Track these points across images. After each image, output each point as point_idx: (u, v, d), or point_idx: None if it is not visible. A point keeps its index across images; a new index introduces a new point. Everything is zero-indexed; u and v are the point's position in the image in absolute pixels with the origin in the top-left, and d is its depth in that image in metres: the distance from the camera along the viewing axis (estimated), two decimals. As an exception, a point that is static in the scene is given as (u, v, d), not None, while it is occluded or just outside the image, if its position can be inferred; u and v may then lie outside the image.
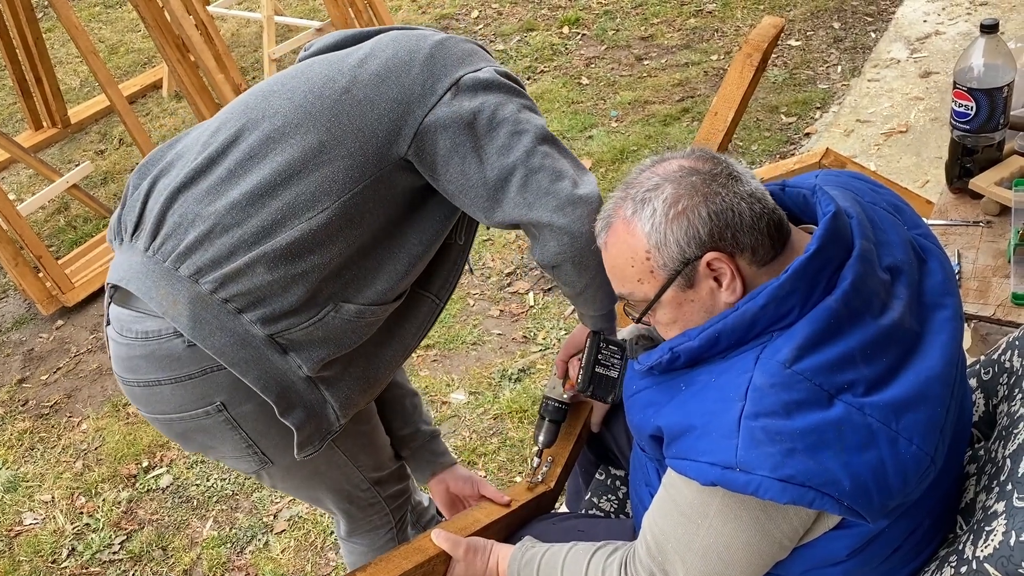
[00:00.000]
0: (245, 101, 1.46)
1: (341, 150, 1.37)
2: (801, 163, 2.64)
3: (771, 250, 1.15)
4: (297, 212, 1.36)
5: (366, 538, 1.84)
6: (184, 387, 1.43)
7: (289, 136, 1.37)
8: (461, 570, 1.42)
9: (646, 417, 1.23)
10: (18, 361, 3.33)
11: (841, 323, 1.10)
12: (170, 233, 1.40)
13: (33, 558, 2.54)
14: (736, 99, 1.91)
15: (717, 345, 1.14)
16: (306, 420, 1.45)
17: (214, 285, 1.37)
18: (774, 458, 1.03)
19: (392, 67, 1.39)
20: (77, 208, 4.10)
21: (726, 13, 4.64)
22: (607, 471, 1.82)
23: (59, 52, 5.65)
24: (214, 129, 1.45)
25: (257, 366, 1.39)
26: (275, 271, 1.36)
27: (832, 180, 1.31)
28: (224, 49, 4.37)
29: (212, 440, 1.50)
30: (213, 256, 1.37)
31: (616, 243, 1.19)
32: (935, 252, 1.27)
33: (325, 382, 1.46)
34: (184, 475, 2.71)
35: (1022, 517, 1.08)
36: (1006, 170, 1.95)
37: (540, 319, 3.02)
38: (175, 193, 1.41)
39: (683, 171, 1.16)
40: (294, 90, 1.41)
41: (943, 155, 2.12)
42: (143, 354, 1.43)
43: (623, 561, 1.26)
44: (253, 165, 1.38)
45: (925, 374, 1.11)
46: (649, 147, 3.74)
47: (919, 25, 4.14)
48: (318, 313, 1.40)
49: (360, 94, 1.38)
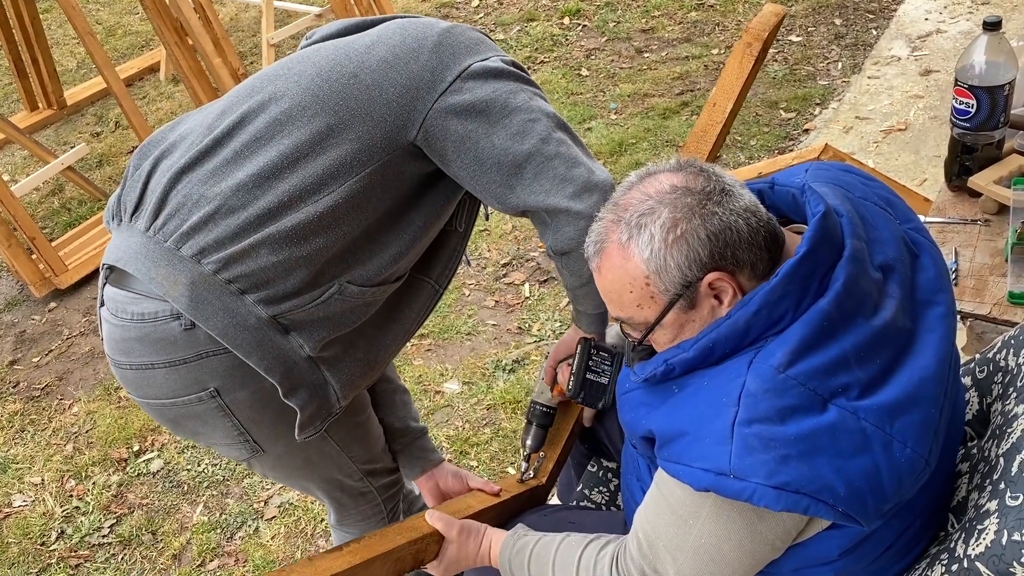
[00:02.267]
0: (251, 85, 1.45)
1: (349, 134, 1.36)
2: (799, 158, 2.63)
3: (769, 262, 1.14)
4: (303, 195, 1.36)
5: (357, 527, 1.83)
6: (178, 371, 1.42)
7: (296, 119, 1.37)
8: (453, 551, 1.41)
9: (637, 417, 1.22)
10: (9, 343, 3.32)
11: (834, 325, 1.09)
12: (172, 213, 1.38)
13: (22, 540, 2.53)
14: (735, 90, 1.88)
15: (712, 354, 1.13)
16: (309, 400, 1.44)
17: (217, 266, 1.36)
18: (768, 465, 1.03)
19: (400, 53, 1.39)
20: (71, 190, 4.08)
21: (727, 7, 4.62)
22: (599, 463, 1.81)
23: (56, 33, 5.61)
24: (219, 111, 1.44)
25: (260, 347, 1.38)
26: (279, 253, 1.36)
27: (822, 175, 1.29)
28: (222, 33, 4.35)
29: (204, 427, 1.49)
30: (217, 237, 1.36)
31: (612, 268, 1.16)
32: (927, 247, 1.26)
33: (326, 362, 1.46)
34: (175, 460, 2.70)
35: (1015, 516, 1.07)
36: (1005, 169, 1.94)
37: (535, 310, 3.01)
38: (179, 174, 1.40)
39: (676, 191, 1.13)
40: (301, 74, 1.41)
41: (942, 153, 2.11)
42: (138, 336, 1.41)
43: (614, 556, 1.26)
44: (260, 147, 1.37)
45: (919, 374, 1.10)
46: (648, 140, 3.73)
47: (920, 23, 4.13)
48: (321, 295, 1.40)
49: (368, 79, 1.37)
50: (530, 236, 3.35)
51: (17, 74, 4.36)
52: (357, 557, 1.31)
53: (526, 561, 1.35)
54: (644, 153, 3.65)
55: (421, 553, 1.40)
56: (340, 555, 1.32)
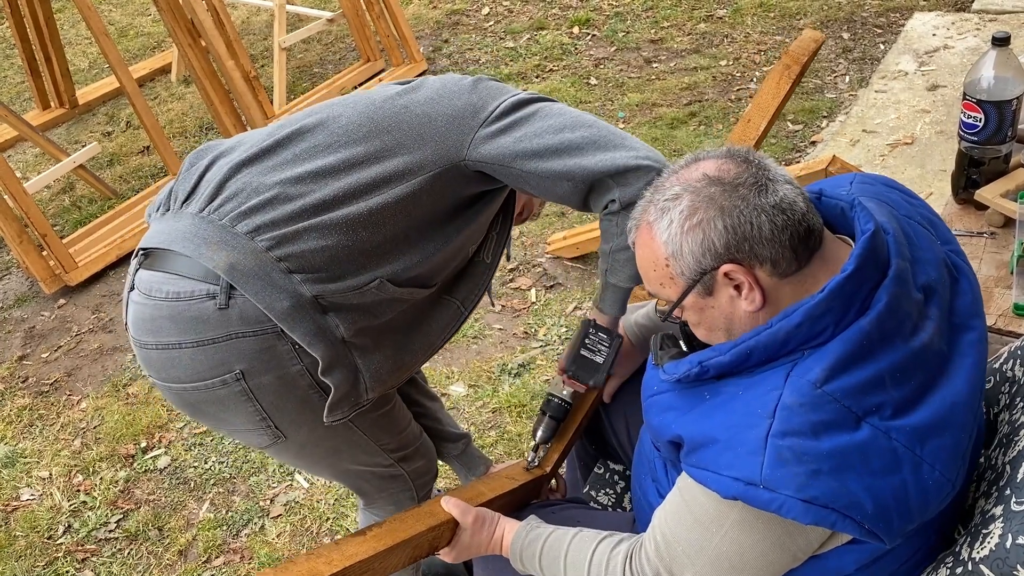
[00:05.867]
0: (306, 110, 1.58)
1: (402, 151, 1.50)
2: (807, 170, 2.65)
3: (794, 262, 1.13)
4: (357, 193, 1.47)
5: (386, 510, 1.85)
6: (205, 352, 1.44)
7: (353, 134, 1.50)
8: (467, 538, 1.43)
9: (665, 421, 1.23)
10: (19, 338, 3.34)
11: (873, 345, 1.09)
12: (229, 198, 1.48)
13: (29, 533, 2.55)
14: (771, 109, 1.96)
15: (748, 361, 1.14)
16: (343, 381, 1.50)
17: (270, 243, 1.44)
18: (799, 478, 1.03)
19: (444, 93, 1.53)
20: (82, 188, 4.10)
21: (736, 19, 4.65)
22: (605, 465, 1.83)
23: (68, 33, 5.65)
24: (278, 125, 1.56)
25: (304, 321, 1.45)
26: (328, 239, 1.45)
27: (868, 190, 1.29)
28: (235, 35, 4.38)
29: (225, 412, 1.51)
30: (272, 218, 1.45)
31: (641, 246, 1.20)
32: (966, 271, 1.26)
33: (358, 349, 1.52)
34: (182, 457, 2.72)
35: (1019, 520, 1.09)
36: (1012, 182, 1.97)
37: (541, 315, 3.03)
38: (238, 167, 1.51)
39: (704, 180, 1.14)
40: (355, 103, 1.55)
41: (947, 167, 2.13)
42: (169, 315, 1.45)
43: (628, 554, 1.27)
44: (318, 153, 1.50)
45: (951, 399, 1.11)
46: (655, 149, 3.75)
47: (928, 39, 4.15)
48: (363, 285, 1.49)
49: (418, 110, 1.52)
50: (537, 242, 3.38)
51: (30, 73, 4.39)
52: (381, 543, 1.34)
53: (538, 552, 1.36)
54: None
55: (437, 539, 1.43)
56: (364, 540, 1.35)
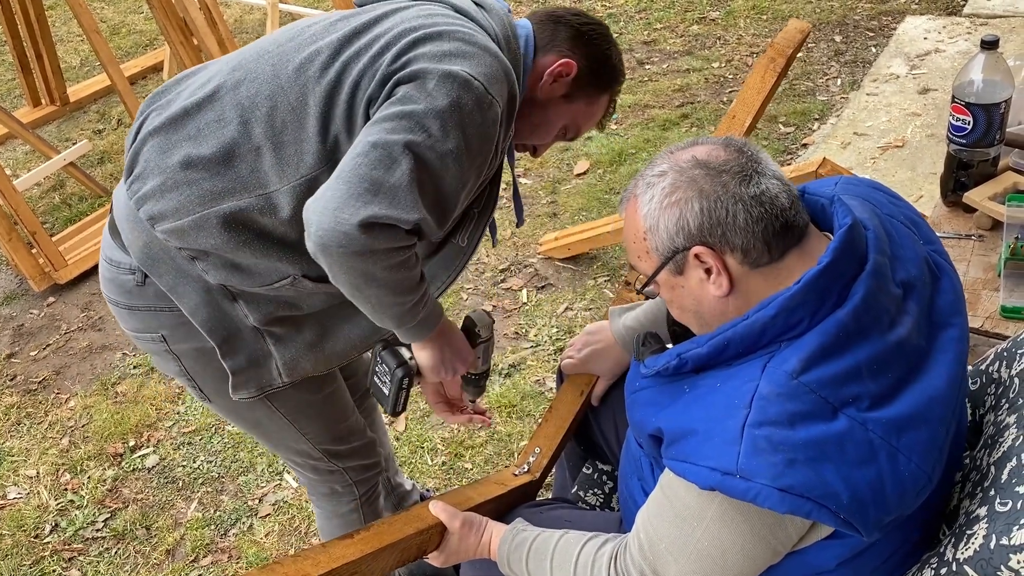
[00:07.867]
0: (242, 54, 1.46)
1: (299, 135, 1.37)
2: (798, 171, 2.66)
3: (765, 254, 1.14)
4: (248, 187, 1.38)
5: (326, 501, 1.89)
6: (133, 315, 1.56)
7: (259, 107, 1.37)
8: (455, 543, 1.44)
9: (647, 416, 1.24)
10: (7, 336, 3.32)
11: (850, 337, 1.10)
12: (137, 176, 1.46)
13: (16, 532, 2.54)
14: (755, 104, 1.90)
15: (725, 352, 1.15)
16: (245, 367, 1.53)
17: (165, 234, 1.43)
18: (775, 467, 1.04)
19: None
20: (72, 186, 4.09)
21: (729, 21, 4.66)
22: (594, 465, 1.83)
23: (60, 30, 5.63)
24: (207, 79, 1.45)
25: (206, 308, 1.47)
26: (222, 235, 1.39)
27: (852, 190, 1.31)
28: (228, 34, 4.37)
29: (165, 365, 1.61)
30: (163, 208, 1.42)
31: (627, 218, 1.24)
32: (948, 271, 1.28)
33: (273, 336, 1.52)
34: (171, 456, 2.71)
35: (1003, 521, 1.10)
36: (1000, 185, 1.97)
37: (532, 316, 3.03)
38: (149, 135, 1.45)
39: (692, 162, 1.16)
40: (280, 57, 1.40)
41: (938, 171, 2.14)
42: (109, 278, 1.57)
43: (613, 555, 1.27)
44: (216, 130, 1.38)
45: (929, 393, 1.12)
46: (647, 150, 3.76)
47: (919, 42, 4.17)
48: (273, 282, 1.45)
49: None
50: (528, 243, 3.38)
51: (21, 69, 4.37)
52: (368, 546, 1.35)
53: (524, 556, 1.36)
54: (643, 163, 3.65)
55: (425, 543, 1.43)
56: (352, 542, 1.36)
